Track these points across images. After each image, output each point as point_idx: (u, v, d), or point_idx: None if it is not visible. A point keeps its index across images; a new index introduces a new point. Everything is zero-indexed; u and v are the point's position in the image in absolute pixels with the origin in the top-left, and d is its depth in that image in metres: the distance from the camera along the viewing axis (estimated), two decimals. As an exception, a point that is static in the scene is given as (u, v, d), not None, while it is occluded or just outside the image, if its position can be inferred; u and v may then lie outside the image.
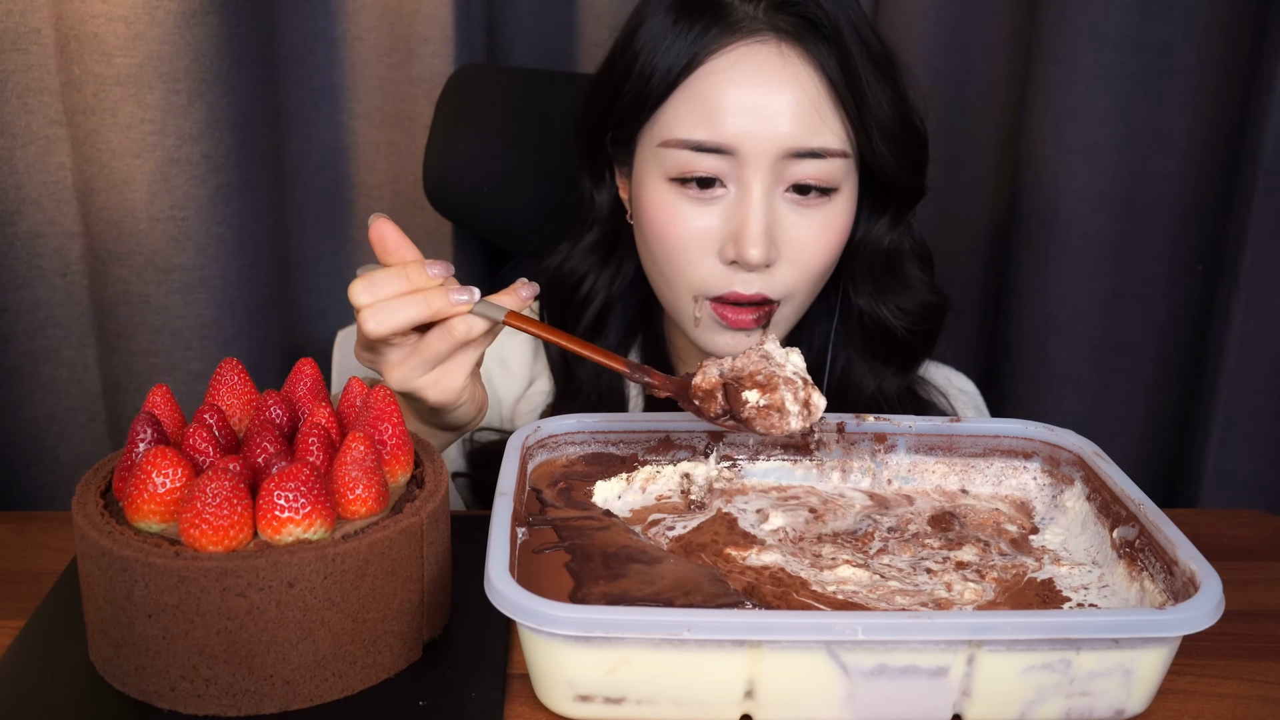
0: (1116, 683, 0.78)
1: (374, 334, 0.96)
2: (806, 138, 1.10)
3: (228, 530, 0.77)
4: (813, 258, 1.14)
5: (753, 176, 1.10)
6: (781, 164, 1.10)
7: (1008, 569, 0.91)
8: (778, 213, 1.12)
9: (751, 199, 1.10)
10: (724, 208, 1.12)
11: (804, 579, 0.89)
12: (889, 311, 1.24)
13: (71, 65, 1.47)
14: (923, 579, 0.90)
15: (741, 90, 1.09)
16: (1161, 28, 1.57)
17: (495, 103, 1.50)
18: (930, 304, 1.26)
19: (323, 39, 1.64)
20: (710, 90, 1.10)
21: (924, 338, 1.27)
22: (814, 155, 1.10)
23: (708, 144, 1.10)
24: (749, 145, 1.09)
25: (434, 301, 0.96)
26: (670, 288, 1.18)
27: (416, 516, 0.84)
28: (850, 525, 0.98)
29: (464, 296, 0.97)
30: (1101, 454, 0.98)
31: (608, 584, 0.85)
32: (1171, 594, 0.82)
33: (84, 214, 1.54)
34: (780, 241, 1.12)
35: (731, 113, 1.09)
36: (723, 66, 1.10)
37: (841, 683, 0.77)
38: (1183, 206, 1.65)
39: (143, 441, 0.85)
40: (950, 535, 0.96)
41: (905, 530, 0.97)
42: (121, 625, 0.79)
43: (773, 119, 1.09)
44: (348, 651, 0.82)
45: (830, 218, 1.14)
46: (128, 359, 1.57)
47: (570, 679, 0.78)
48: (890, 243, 1.22)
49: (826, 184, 1.12)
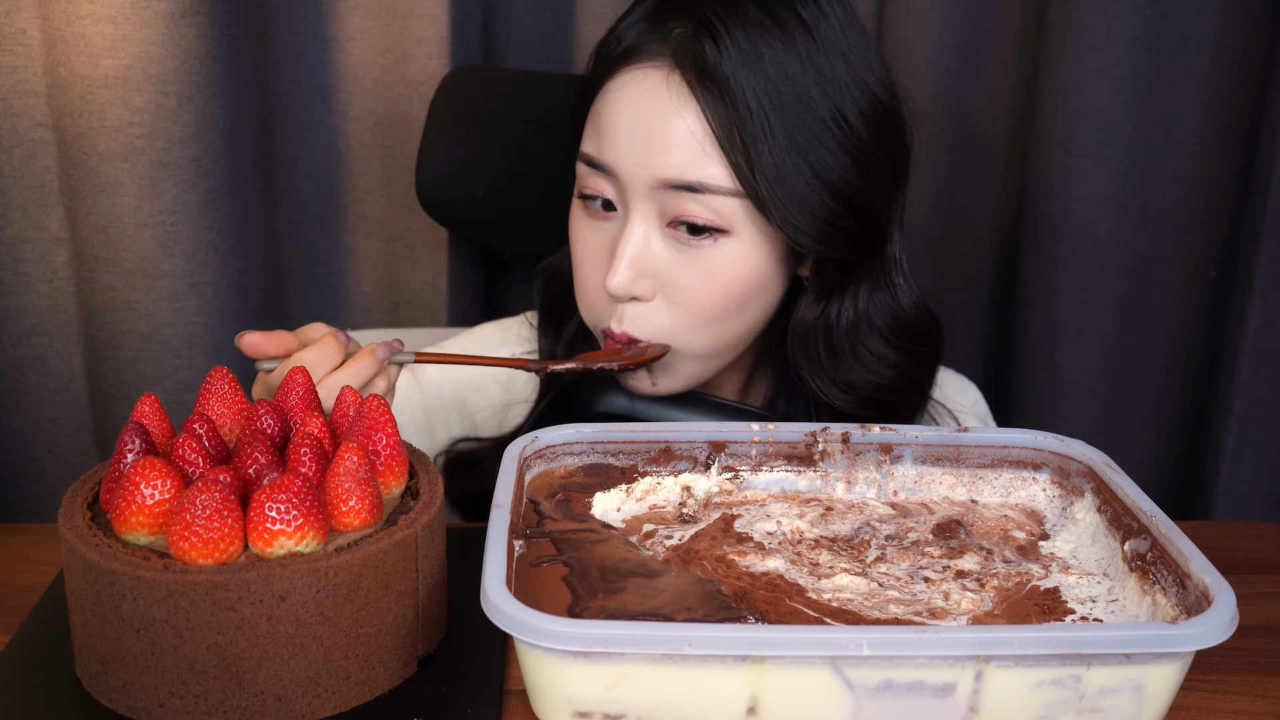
0: (1128, 699, 0.77)
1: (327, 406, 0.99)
2: (684, 170, 1.05)
3: (218, 543, 0.77)
4: (692, 301, 1.09)
5: (633, 203, 1.08)
6: (661, 195, 1.07)
7: (1010, 577, 0.90)
8: (655, 246, 1.08)
9: (628, 227, 1.08)
10: (611, 233, 1.11)
11: (800, 585, 0.88)
12: (821, 385, 1.15)
13: (58, 67, 1.46)
14: (920, 588, 0.89)
15: (626, 113, 1.07)
16: (1174, 28, 1.56)
17: (491, 105, 1.49)
18: (886, 386, 1.17)
19: (315, 40, 1.63)
20: (603, 109, 1.09)
21: (875, 417, 1.14)
22: (693, 189, 1.05)
23: (596, 161, 1.09)
24: (626, 170, 1.07)
25: (369, 363, 1.02)
26: (580, 310, 1.17)
27: (411, 529, 0.83)
28: (849, 531, 0.97)
29: (384, 352, 1.03)
30: (1113, 465, 0.97)
31: (607, 598, 0.85)
32: (1184, 608, 0.81)
33: (71, 219, 1.54)
34: (659, 278, 1.09)
35: (614, 135, 1.07)
36: (618, 86, 1.08)
37: (846, 699, 0.76)
38: (1196, 211, 1.64)
39: (131, 452, 0.84)
40: (952, 544, 0.95)
41: (905, 538, 0.96)
42: (109, 640, 0.79)
43: (650, 147, 1.06)
44: (341, 667, 0.81)
45: (716, 263, 1.08)
46: (115, 367, 1.57)
47: (569, 695, 0.76)
48: (820, 316, 1.14)
49: (713, 224, 1.07)
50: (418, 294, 1.73)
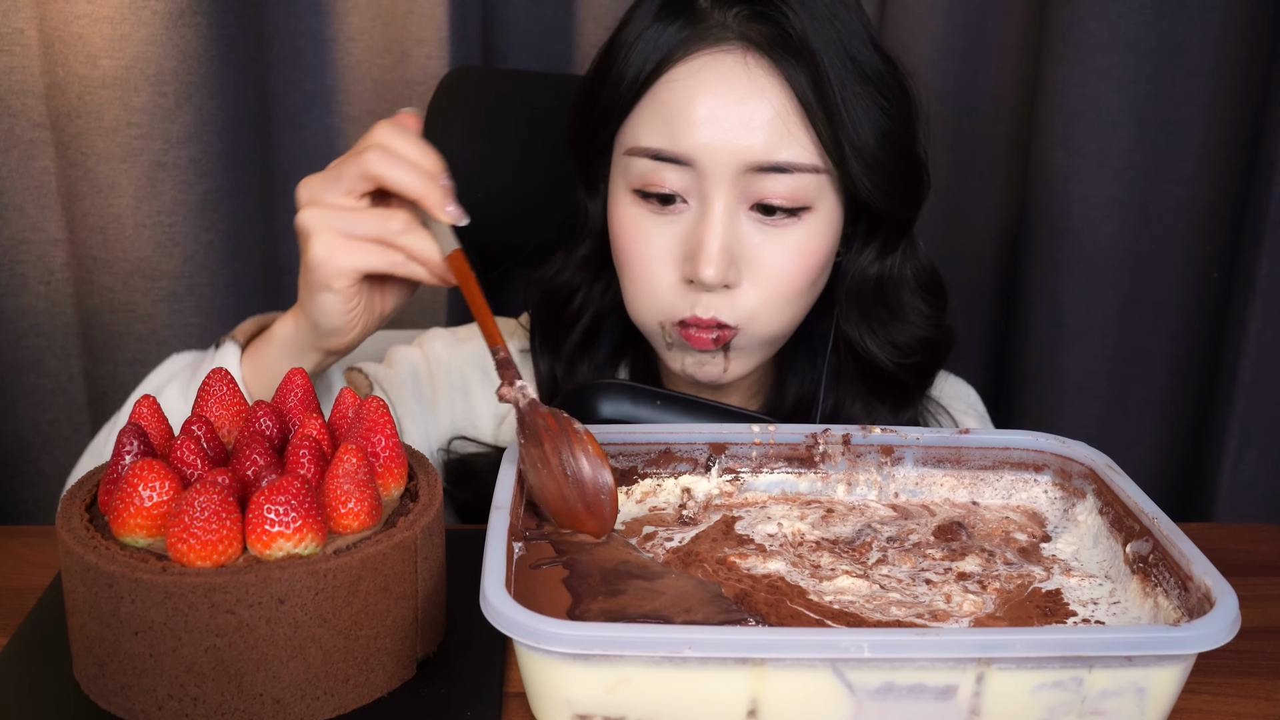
0: (1130, 702, 0.77)
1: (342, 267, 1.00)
2: (770, 151, 1.06)
3: (216, 545, 0.76)
4: (778, 281, 1.10)
5: (713, 191, 1.07)
6: (745, 179, 1.07)
7: (1011, 579, 0.90)
8: (739, 231, 1.09)
9: (710, 215, 1.07)
10: (684, 224, 1.10)
11: (801, 588, 0.88)
12: (877, 345, 1.19)
13: (56, 67, 1.46)
14: (921, 590, 0.88)
15: (703, 100, 1.06)
16: (1176, 29, 1.56)
17: (490, 106, 1.48)
18: (926, 339, 1.21)
19: (314, 40, 1.63)
20: (671, 98, 1.08)
21: (918, 374, 1.22)
22: (779, 170, 1.07)
23: (666, 153, 1.08)
24: (708, 158, 1.06)
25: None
26: (636, 308, 1.15)
27: (410, 531, 0.83)
28: (850, 533, 0.96)
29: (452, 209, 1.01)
30: (1114, 466, 0.97)
31: (607, 600, 0.84)
32: (1186, 610, 0.81)
33: (68, 220, 1.54)
34: (743, 262, 1.09)
35: (691, 123, 1.06)
36: (685, 74, 1.07)
37: (847, 702, 0.76)
38: (1198, 212, 1.63)
39: (129, 453, 0.83)
40: (954, 545, 0.95)
41: (906, 540, 0.95)
42: (107, 642, 0.78)
43: (733, 131, 1.06)
44: (340, 669, 0.80)
45: (800, 239, 1.10)
46: (113, 369, 1.56)
47: (568, 698, 0.76)
48: (880, 271, 1.18)
49: (795, 203, 1.08)
50: (416, 296, 1.70)
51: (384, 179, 0.99)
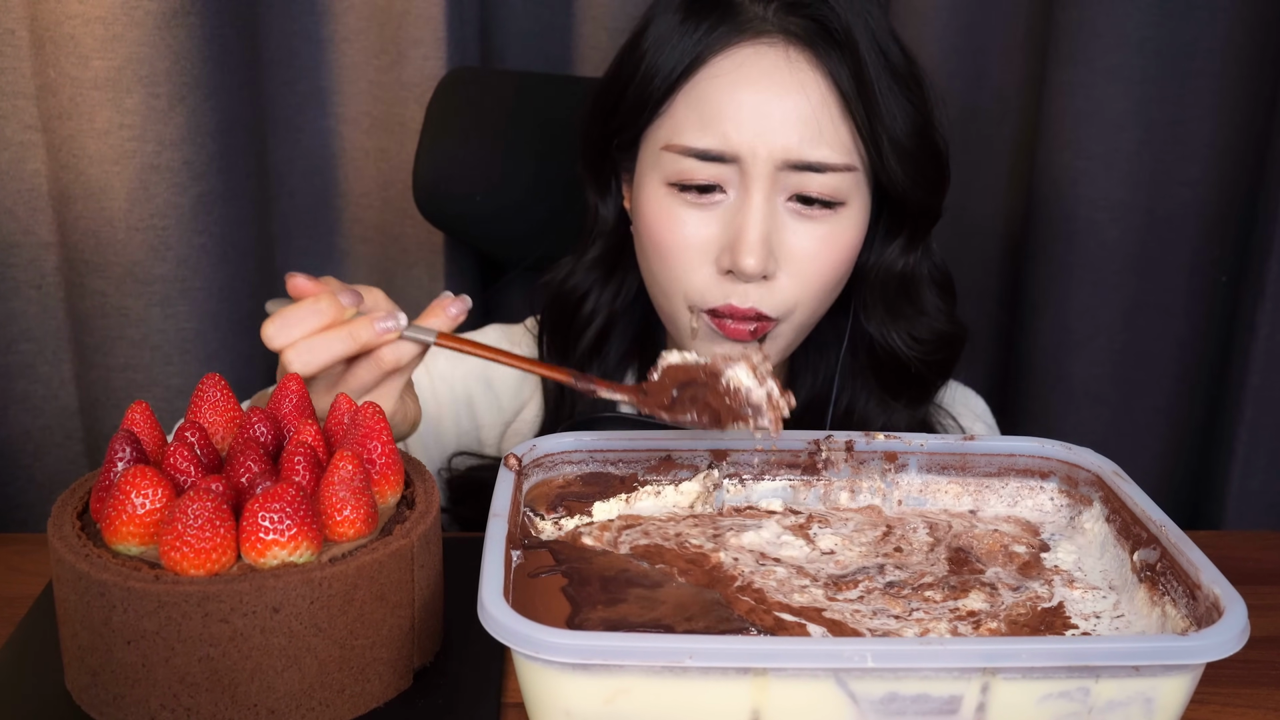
0: (1137, 712, 0.76)
1: (303, 374, 0.95)
2: (808, 150, 1.07)
3: (210, 553, 0.76)
4: (814, 271, 1.12)
5: (753, 183, 1.08)
6: (783, 173, 1.08)
7: (1018, 605, 0.88)
8: (778, 222, 1.09)
9: (750, 206, 1.08)
10: (722, 214, 1.10)
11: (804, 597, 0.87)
12: (900, 340, 1.21)
13: (47, 68, 1.45)
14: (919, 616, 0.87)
15: (744, 95, 1.07)
16: (1184, 29, 1.55)
17: (489, 107, 1.48)
18: (945, 333, 1.23)
19: (309, 41, 1.62)
20: (712, 93, 1.08)
21: (937, 369, 1.24)
22: (814, 169, 1.08)
23: (711, 152, 1.08)
24: (750, 153, 1.07)
25: (360, 334, 0.96)
26: (667, 298, 1.15)
27: (407, 539, 0.83)
28: (851, 573, 0.94)
29: (389, 324, 0.97)
30: (1121, 473, 0.97)
31: (606, 609, 0.84)
32: (1194, 619, 0.80)
33: (60, 223, 1.53)
34: (780, 253, 1.10)
35: (733, 119, 1.07)
36: (727, 69, 1.08)
37: (850, 712, 0.75)
38: (1206, 215, 1.63)
39: (121, 460, 0.83)
40: (953, 582, 0.92)
41: (904, 588, 0.92)
42: (99, 652, 0.78)
43: (775, 127, 1.07)
44: (335, 679, 0.80)
45: (835, 231, 1.11)
46: (105, 374, 1.56)
47: (567, 708, 0.75)
48: (904, 266, 1.20)
49: (831, 197, 1.09)
50: (414, 300, 1.72)
51: (314, 371, 0.96)
